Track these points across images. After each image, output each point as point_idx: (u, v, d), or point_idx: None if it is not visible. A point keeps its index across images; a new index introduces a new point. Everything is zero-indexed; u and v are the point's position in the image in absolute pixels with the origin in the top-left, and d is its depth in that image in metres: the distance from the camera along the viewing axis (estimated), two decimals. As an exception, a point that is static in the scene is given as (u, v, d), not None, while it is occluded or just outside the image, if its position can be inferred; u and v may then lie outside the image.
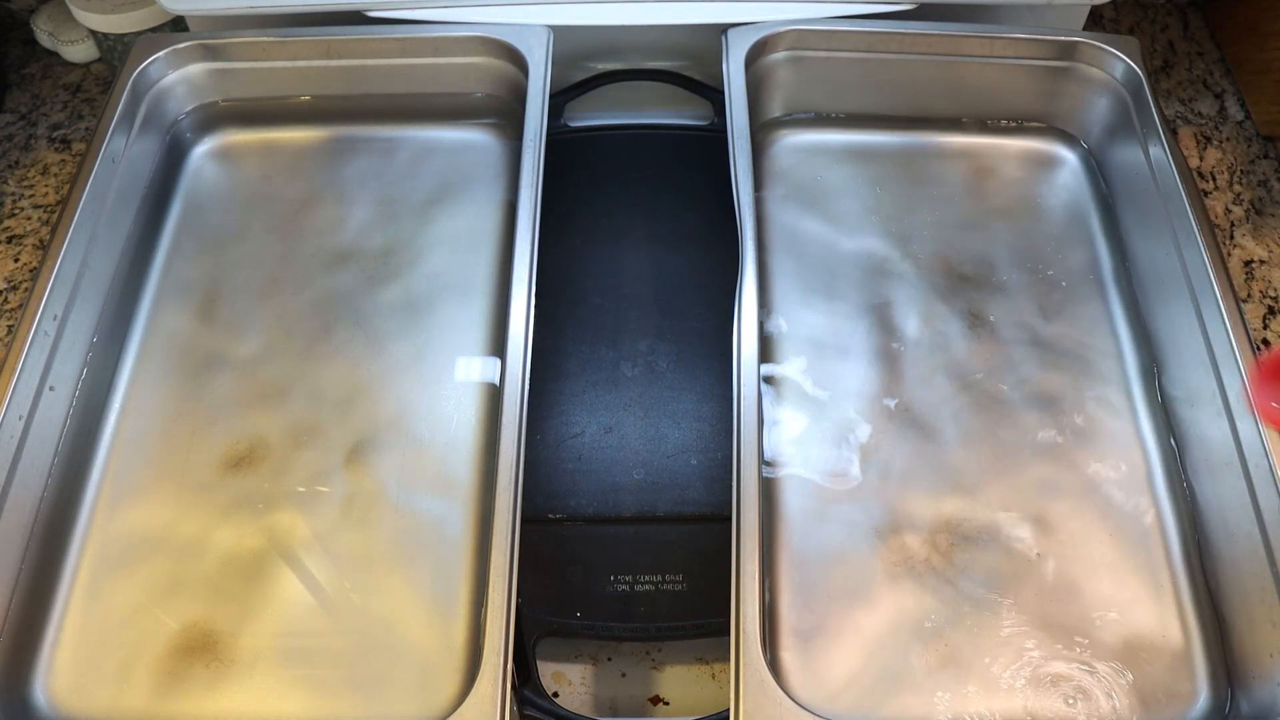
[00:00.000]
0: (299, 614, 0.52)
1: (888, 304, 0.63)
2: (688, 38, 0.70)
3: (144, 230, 0.65)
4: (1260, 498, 0.51)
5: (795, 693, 0.49)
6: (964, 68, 0.68)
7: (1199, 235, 0.58)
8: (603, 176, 0.68)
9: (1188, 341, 0.58)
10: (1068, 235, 0.67)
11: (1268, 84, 0.78)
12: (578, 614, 0.52)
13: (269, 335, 0.61)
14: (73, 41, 0.81)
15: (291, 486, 0.56)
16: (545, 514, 0.55)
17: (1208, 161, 0.77)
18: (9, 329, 0.67)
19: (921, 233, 0.66)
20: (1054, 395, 0.59)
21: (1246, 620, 0.51)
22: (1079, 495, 0.56)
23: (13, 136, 0.78)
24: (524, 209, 0.58)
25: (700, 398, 0.59)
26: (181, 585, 0.53)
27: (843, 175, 0.69)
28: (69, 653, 0.51)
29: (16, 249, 0.71)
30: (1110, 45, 0.66)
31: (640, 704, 0.53)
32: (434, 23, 0.67)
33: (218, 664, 0.50)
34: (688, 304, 0.62)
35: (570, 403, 0.58)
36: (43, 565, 0.53)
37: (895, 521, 0.55)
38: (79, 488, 0.56)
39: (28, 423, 0.53)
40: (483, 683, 0.44)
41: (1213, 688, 0.51)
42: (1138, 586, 0.53)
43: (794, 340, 0.61)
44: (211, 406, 0.59)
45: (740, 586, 0.46)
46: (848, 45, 0.67)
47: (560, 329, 0.61)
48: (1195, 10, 0.87)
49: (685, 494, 0.55)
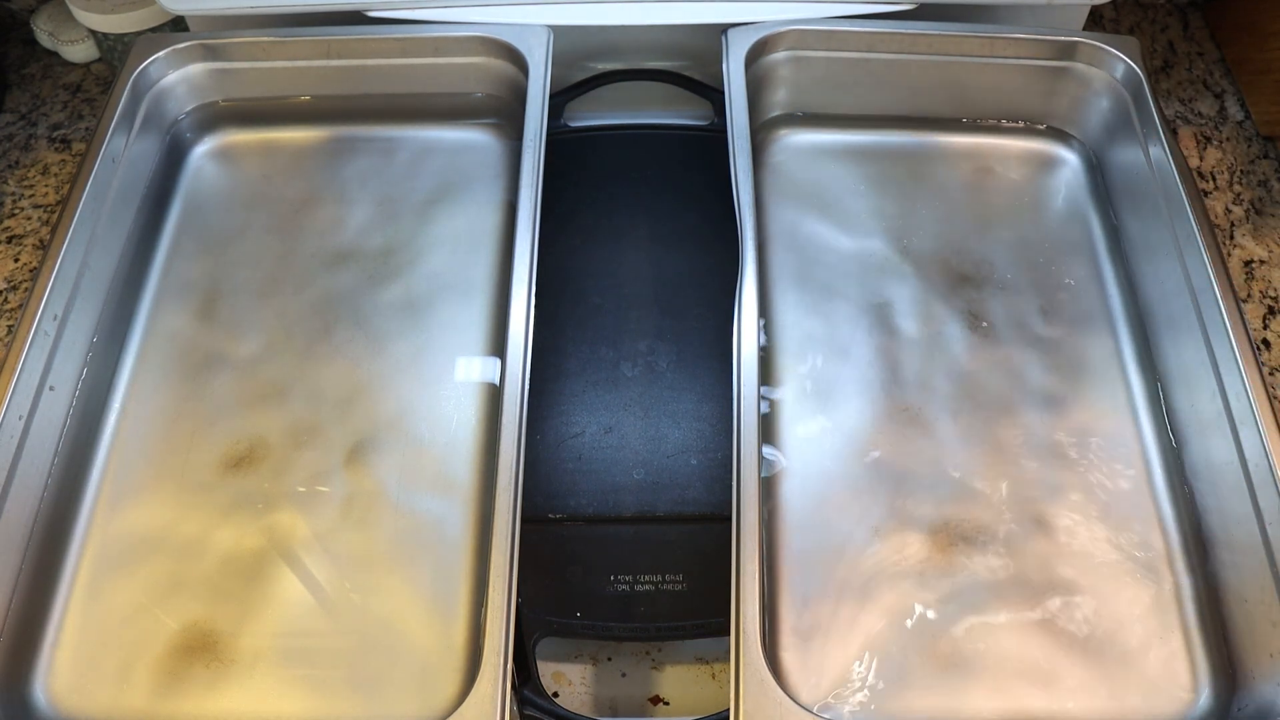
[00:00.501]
0: (299, 614, 0.52)
1: (888, 304, 0.63)
2: (688, 38, 0.70)
3: (144, 230, 0.65)
4: (1260, 497, 0.51)
5: (795, 693, 0.49)
6: (964, 68, 0.68)
7: (1199, 235, 0.58)
8: (603, 176, 0.68)
9: (1187, 341, 0.58)
10: (1067, 235, 0.67)
11: (1268, 84, 0.78)
12: (578, 614, 0.52)
13: (269, 335, 0.61)
14: (73, 41, 0.81)
15: (291, 486, 0.56)
16: (545, 514, 0.55)
17: (1208, 161, 0.77)
18: (9, 329, 0.67)
19: (921, 233, 0.66)
20: (1054, 395, 0.59)
21: (1246, 620, 0.51)
22: (1079, 495, 0.56)
23: (13, 136, 0.78)
24: (524, 209, 0.58)
25: (700, 398, 0.59)
26: (181, 585, 0.53)
27: (843, 175, 0.69)
28: (69, 653, 0.51)
29: (16, 249, 0.71)
30: (1110, 45, 0.66)
31: (640, 704, 0.53)
32: (434, 23, 0.67)
33: (218, 664, 0.50)
34: (688, 304, 0.62)
35: (570, 403, 0.58)
36: (43, 565, 0.53)
37: (895, 521, 0.55)
38: (79, 488, 0.56)
39: (28, 423, 0.53)
40: (483, 683, 0.44)
41: (1213, 688, 0.51)
42: (1138, 586, 0.53)
43: (794, 340, 0.61)
44: (211, 406, 0.59)
45: (740, 586, 0.46)
46: (848, 45, 0.67)
47: (560, 329, 0.61)
48: (1195, 10, 0.87)
49: (685, 494, 0.55)
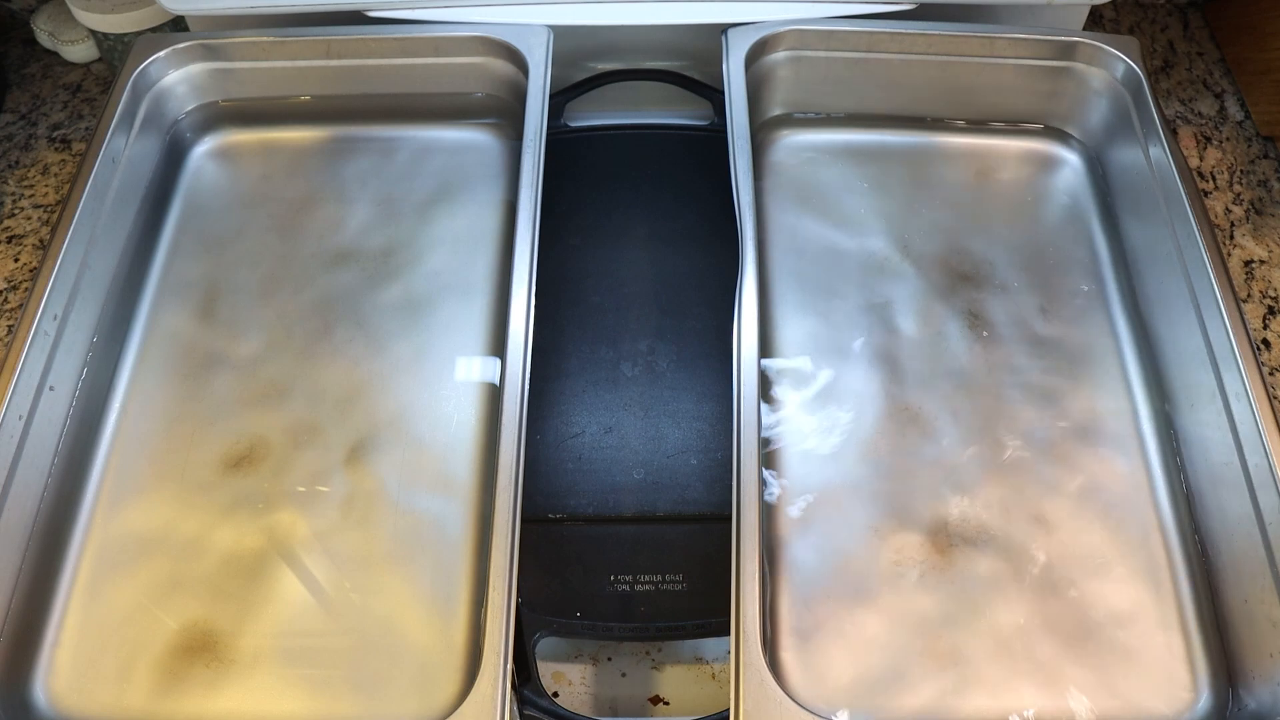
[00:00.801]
0: (299, 614, 0.52)
1: (888, 304, 0.63)
2: (688, 38, 0.70)
3: (144, 230, 0.65)
4: (1260, 497, 0.51)
5: (795, 693, 0.49)
6: (964, 68, 0.68)
7: (1199, 235, 0.58)
8: (603, 176, 0.68)
9: (1187, 341, 0.58)
10: (1068, 235, 0.67)
11: (1268, 84, 0.78)
12: (578, 614, 0.52)
13: (269, 335, 0.61)
14: (73, 41, 0.81)
15: (291, 486, 0.56)
16: (545, 514, 0.55)
17: (1208, 161, 0.77)
18: (9, 329, 0.67)
19: (921, 233, 0.66)
20: (1054, 395, 0.59)
21: (1246, 620, 0.51)
22: (1079, 495, 0.56)
23: (13, 136, 0.78)
24: (524, 209, 0.58)
25: (700, 398, 0.58)
26: (181, 585, 0.53)
27: (843, 175, 0.69)
28: (69, 653, 0.51)
29: (16, 249, 0.71)
30: (1110, 45, 0.66)
31: (640, 704, 0.53)
32: (434, 23, 0.67)
33: (218, 664, 0.50)
34: (688, 304, 0.62)
35: (570, 402, 0.58)
36: (43, 565, 0.53)
37: (895, 521, 0.55)
38: (79, 488, 0.56)
39: (28, 423, 0.53)
40: (483, 683, 0.44)
41: (1213, 688, 0.51)
42: (1138, 586, 0.53)
43: (794, 340, 0.61)
44: (211, 406, 0.59)
45: (740, 586, 0.46)
46: (848, 45, 0.67)
47: (560, 329, 0.61)
48: (1195, 10, 0.87)
49: (685, 494, 0.55)
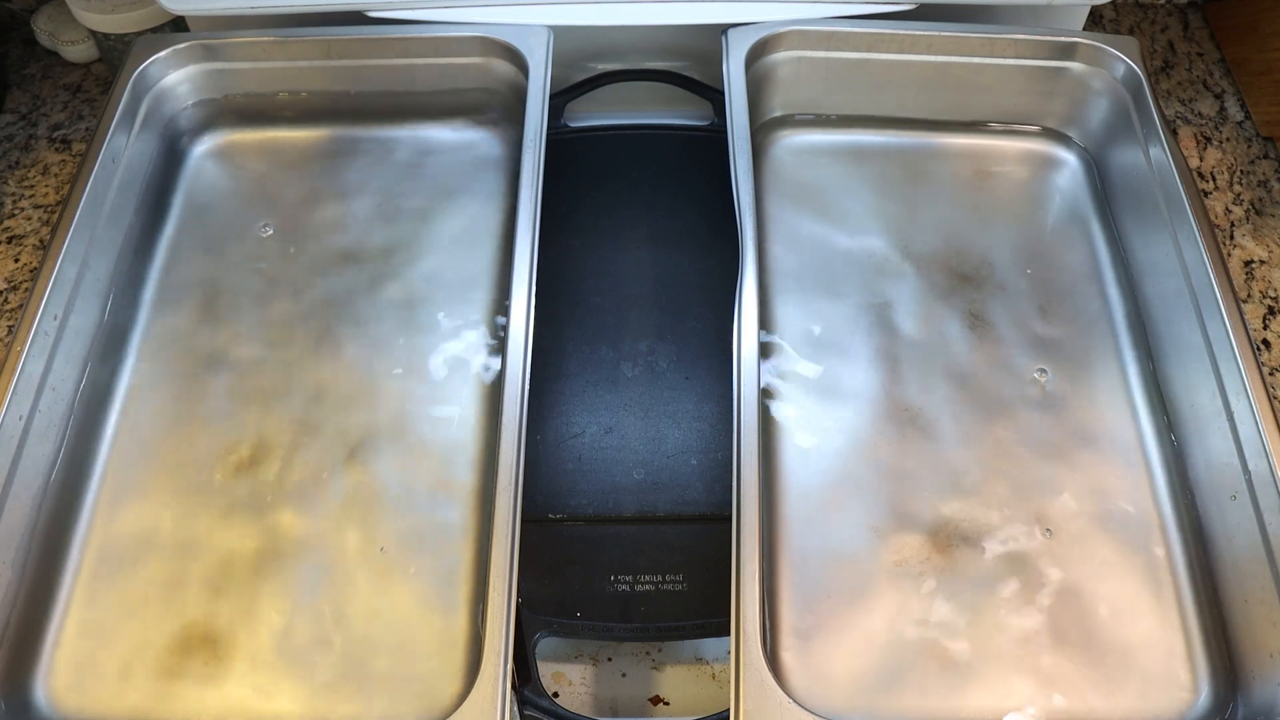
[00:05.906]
0: (299, 614, 0.52)
1: (888, 304, 0.63)
2: (688, 38, 0.70)
3: (144, 230, 0.65)
4: (1260, 497, 0.51)
5: (795, 693, 0.49)
6: (964, 68, 0.68)
7: (1199, 235, 0.58)
8: (603, 176, 0.68)
9: (1188, 341, 0.58)
10: (1068, 235, 0.67)
11: (1268, 84, 0.78)
12: (578, 614, 0.52)
13: (269, 335, 0.61)
14: (73, 41, 0.81)
15: (291, 486, 0.56)
16: (545, 514, 0.55)
17: (1208, 162, 0.77)
18: (9, 329, 0.67)
19: (921, 233, 0.66)
20: (1053, 395, 0.59)
21: (1246, 620, 0.51)
22: (1079, 495, 0.56)
23: (13, 136, 0.78)
24: (524, 209, 0.58)
25: (700, 398, 0.59)
26: (181, 585, 0.53)
27: (843, 175, 0.69)
28: (69, 653, 0.51)
29: (16, 249, 0.71)
30: (1110, 45, 0.66)
31: (640, 704, 0.53)
32: (434, 23, 0.67)
33: (217, 663, 0.50)
34: (688, 304, 0.62)
35: (570, 403, 0.58)
36: (43, 565, 0.53)
37: (895, 521, 0.55)
38: (79, 488, 0.56)
39: (28, 423, 0.53)
40: (483, 683, 0.44)
41: (1213, 688, 0.51)
42: (1138, 586, 0.53)
43: (794, 340, 0.61)
44: (211, 406, 0.59)
45: (740, 586, 0.46)
46: (848, 45, 0.67)
47: (560, 329, 0.61)
48: (1195, 10, 0.87)
49: (685, 494, 0.55)
